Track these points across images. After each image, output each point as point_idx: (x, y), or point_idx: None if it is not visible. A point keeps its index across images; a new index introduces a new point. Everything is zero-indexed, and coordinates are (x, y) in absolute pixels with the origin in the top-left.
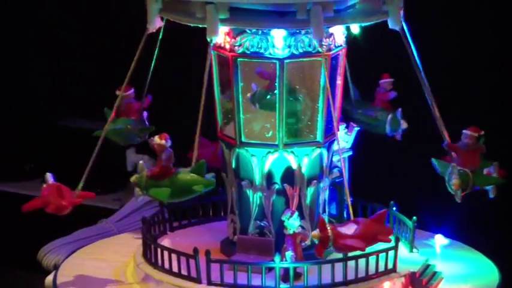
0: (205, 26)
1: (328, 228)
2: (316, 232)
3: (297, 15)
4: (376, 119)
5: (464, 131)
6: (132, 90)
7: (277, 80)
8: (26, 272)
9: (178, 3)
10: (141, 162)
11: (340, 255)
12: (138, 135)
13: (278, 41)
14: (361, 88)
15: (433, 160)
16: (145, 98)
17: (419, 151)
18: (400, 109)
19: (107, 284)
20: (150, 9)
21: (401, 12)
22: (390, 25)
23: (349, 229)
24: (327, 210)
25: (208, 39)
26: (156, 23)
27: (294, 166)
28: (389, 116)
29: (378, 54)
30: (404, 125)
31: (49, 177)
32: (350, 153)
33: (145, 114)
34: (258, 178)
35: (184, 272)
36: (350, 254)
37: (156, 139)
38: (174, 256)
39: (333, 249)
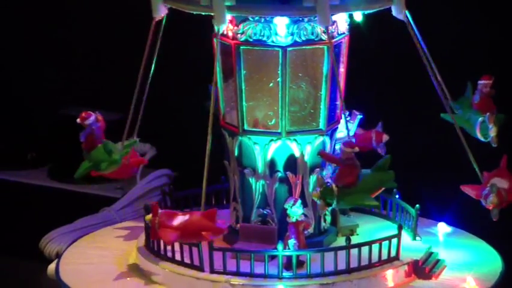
0: (211, 13)
1: (158, 215)
2: (149, 215)
3: (304, 2)
4: (468, 121)
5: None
6: None
7: (279, 68)
8: (29, 260)
9: None
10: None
11: (343, 243)
12: None
13: (281, 29)
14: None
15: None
16: None
17: (423, 138)
18: (488, 114)
19: (109, 272)
20: None
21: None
22: (394, 13)
23: (177, 220)
24: None
25: (216, 28)
26: (161, 11)
27: (297, 154)
28: (479, 120)
29: None
30: (492, 131)
31: None
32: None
33: None
34: (260, 166)
35: (187, 260)
36: (353, 242)
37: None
38: (176, 244)
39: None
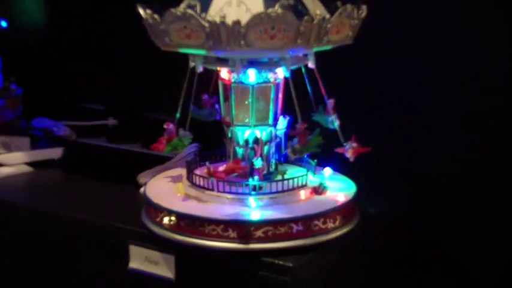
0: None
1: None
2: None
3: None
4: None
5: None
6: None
7: (250, 95)
8: (129, 186)
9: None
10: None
11: (280, 178)
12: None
13: (251, 76)
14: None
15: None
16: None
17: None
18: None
19: (172, 193)
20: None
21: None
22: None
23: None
24: (274, 157)
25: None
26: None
27: (259, 135)
28: (330, 118)
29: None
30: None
31: None
32: (284, 130)
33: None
34: (241, 141)
35: (206, 186)
36: (285, 177)
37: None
38: (201, 179)
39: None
